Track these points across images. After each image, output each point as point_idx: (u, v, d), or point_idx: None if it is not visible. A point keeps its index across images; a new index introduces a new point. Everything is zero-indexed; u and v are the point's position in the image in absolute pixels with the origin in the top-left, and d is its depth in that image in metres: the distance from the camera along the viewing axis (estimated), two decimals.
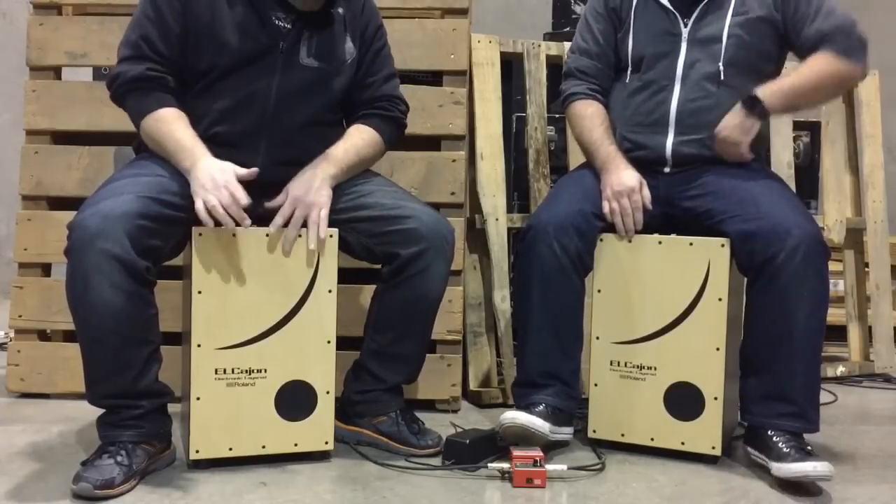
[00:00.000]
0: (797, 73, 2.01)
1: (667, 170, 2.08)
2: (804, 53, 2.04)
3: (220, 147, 1.87)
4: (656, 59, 2.08)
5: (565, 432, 2.05)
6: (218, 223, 1.77)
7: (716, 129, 2.02)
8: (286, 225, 1.87)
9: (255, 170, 1.84)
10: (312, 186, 1.88)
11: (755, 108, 1.98)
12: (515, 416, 1.96)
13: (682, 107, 2.06)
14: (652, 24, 2.10)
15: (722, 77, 2.04)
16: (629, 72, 2.13)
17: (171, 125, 1.85)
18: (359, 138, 2.01)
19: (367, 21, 2.04)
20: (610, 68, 2.19)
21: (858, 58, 2.00)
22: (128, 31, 1.92)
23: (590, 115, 2.15)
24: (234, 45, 1.88)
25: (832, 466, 1.81)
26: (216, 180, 1.78)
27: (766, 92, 1.99)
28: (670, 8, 2.08)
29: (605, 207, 2.05)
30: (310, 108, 1.95)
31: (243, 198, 1.78)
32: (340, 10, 1.97)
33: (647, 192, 2.04)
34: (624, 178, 2.04)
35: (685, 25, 2.07)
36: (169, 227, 1.79)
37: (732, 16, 2.04)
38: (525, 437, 1.95)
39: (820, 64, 2.00)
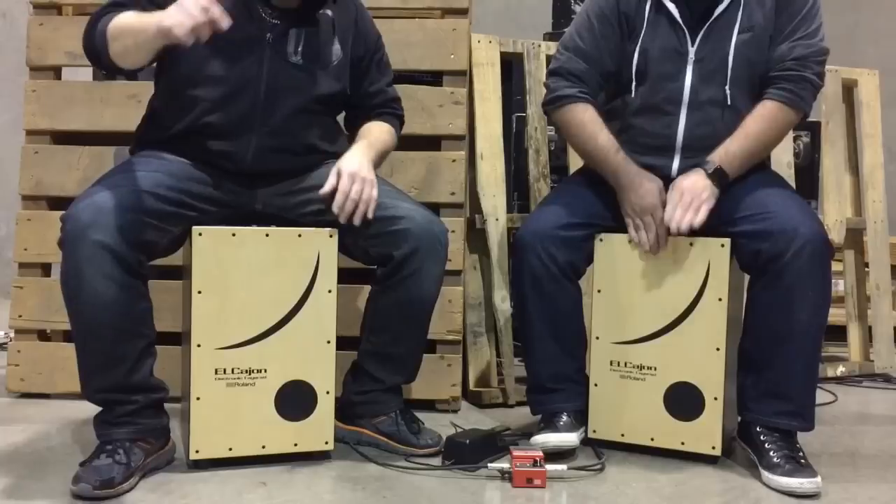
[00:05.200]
0: (746, 135, 1.97)
1: (674, 174, 2.05)
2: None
3: (211, 137, 1.88)
4: (661, 80, 2.03)
5: (584, 428, 2.10)
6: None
7: (679, 185, 1.96)
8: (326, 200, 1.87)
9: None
10: (364, 165, 1.91)
11: (720, 177, 1.96)
12: (546, 440, 1.99)
13: (689, 132, 2.02)
14: (661, 40, 2.03)
15: (729, 101, 2.01)
16: (633, 86, 2.06)
17: (135, 16, 1.72)
18: (381, 131, 2.08)
19: (367, 29, 2.08)
20: (602, 76, 2.11)
21: (804, 106, 2.01)
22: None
23: (589, 120, 2.08)
24: (224, 31, 1.81)
25: (820, 481, 1.81)
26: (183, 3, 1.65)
27: (726, 162, 1.96)
28: (680, 23, 2.02)
29: (629, 227, 2.01)
30: (299, 100, 1.95)
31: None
32: (329, 13, 1.98)
33: (665, 198, 1.99)
34: (644, 195, 1.98)
35: (692, 44, 2.01)
36: (164, 222, 1.80)
37: (739, 32, 1.99)
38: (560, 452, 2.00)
39: (766, 120, 1.98)
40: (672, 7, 2.03)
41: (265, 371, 1.88)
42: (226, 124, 1.90)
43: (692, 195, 1.94)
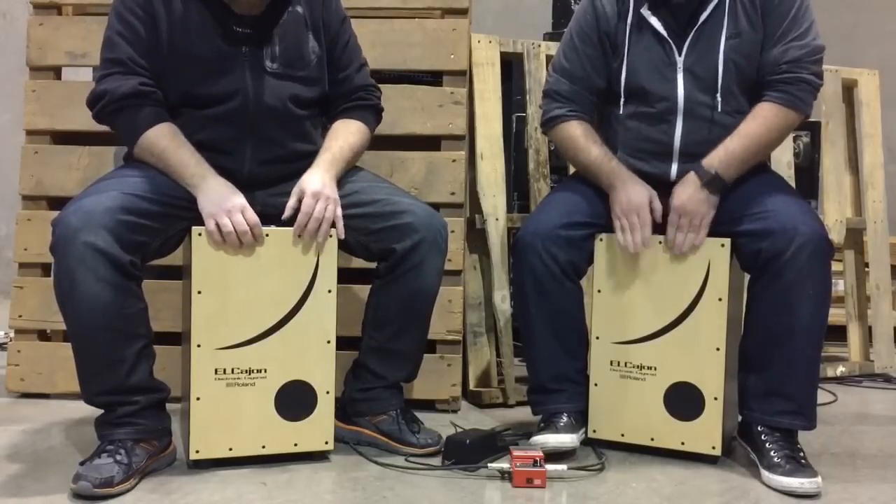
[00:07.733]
0: (746, 136, 1.96)
1: (673, 178, 2.05)
2: (758, 76, 2.01)
3: (206, 152, 1.88)
4: (654, 92, 2.03)
5: (584, 429, 2.10)
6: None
7: (674, 201, 1.97)
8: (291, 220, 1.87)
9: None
10: (326, 184, 1.90)
11: (716, 184, 1.95)
12: (546, 441, 1.99)
13: (686, 138, 2.02)
14: (647, 55, 2.04)
15: (720, 108, 2.01)
16: (622, 101, 2.07)
17: (171, 141, 1.85)
18: (348, 133, 2.02)
19: (331, 16, 2.03)
20: (592, 94, 2.12)
21: (803, 107, 1.99)
22: (104, 52, 1.89)
23: (582, 134, 2.09)
24: (198, 50, 1.88)
25: (820, 481, 1.81)
26: (231, 201, 1.81)
27: (722, 165, 1.95)
28: (665, 35, 2.02)
29: (616, 229, 2.01)
30: (286, 110, 1.95)
31: (253, 217, 1.82)
32: (300, 10, 1.97)
33: (657, 206, 2.00)
34: (633, 194, 1.99)
35: (680, 54, 2.01)
36: (155, 223, 1.80)
37: (726, 39, 1.99)
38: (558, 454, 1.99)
39: (767, 121, 1.96)
40: (655, 20, 2.03)
41: (265, 371, 1.88)
42: (218, 141, 1.91)
43: (690, 216, 1.95)
